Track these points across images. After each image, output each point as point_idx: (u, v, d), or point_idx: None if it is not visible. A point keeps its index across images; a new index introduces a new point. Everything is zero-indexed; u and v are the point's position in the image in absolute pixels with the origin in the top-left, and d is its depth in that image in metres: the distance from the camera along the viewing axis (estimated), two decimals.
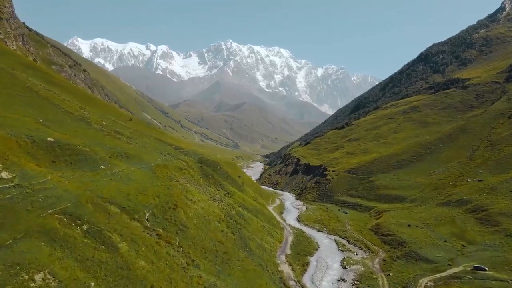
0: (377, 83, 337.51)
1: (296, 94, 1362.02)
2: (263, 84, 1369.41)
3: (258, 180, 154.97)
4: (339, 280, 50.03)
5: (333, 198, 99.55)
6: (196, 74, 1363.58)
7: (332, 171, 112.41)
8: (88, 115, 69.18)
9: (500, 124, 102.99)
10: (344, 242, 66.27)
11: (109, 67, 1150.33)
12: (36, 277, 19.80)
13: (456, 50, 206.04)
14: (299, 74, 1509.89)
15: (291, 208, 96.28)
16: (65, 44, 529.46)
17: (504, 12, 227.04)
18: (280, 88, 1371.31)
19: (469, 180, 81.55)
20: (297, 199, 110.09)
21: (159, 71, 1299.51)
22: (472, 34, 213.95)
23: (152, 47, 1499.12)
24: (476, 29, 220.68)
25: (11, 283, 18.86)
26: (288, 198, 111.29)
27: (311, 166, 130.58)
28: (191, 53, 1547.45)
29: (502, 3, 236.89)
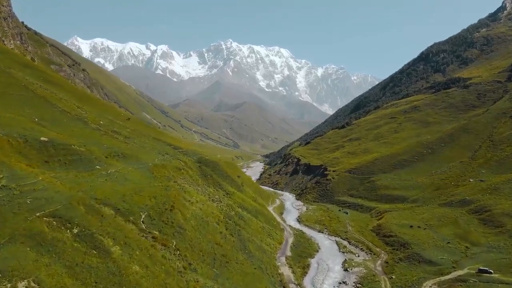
0: (377, 83, 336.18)
1: (296, 94, 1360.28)
2: (263, 84, 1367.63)
3: (258, 180, 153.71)
4: (340, 283, 48.76)
5: (333, 198, 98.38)
6: (196, 74, 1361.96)
7: (333, 171, 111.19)
8: (86, 115, 68.08)
9: (502, 123, 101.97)
10: (345, 243, 65.00)
11: (109, 67, 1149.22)
12: (19, 285, 18.55)
13: (457, 50, 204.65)
14: (299, 74, 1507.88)
15: (291, 208, 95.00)
16: (65, 44, 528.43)
17: (505, 11, 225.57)
18: (280, 88, 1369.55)
19: (471, 180, 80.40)
20: (297, 199, 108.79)
21: (159, 71, 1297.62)
22: (473, 33, 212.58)
23: (152, 47, 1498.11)
24: (477, 28, 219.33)
25: None
26: (288, 198, 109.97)
27: (312, 166, 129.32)
28: (191, 53, 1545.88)
29: (503, 2, 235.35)
